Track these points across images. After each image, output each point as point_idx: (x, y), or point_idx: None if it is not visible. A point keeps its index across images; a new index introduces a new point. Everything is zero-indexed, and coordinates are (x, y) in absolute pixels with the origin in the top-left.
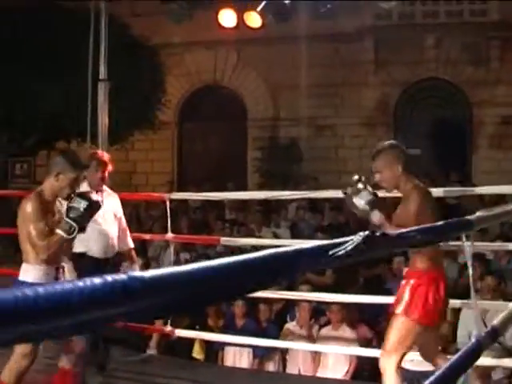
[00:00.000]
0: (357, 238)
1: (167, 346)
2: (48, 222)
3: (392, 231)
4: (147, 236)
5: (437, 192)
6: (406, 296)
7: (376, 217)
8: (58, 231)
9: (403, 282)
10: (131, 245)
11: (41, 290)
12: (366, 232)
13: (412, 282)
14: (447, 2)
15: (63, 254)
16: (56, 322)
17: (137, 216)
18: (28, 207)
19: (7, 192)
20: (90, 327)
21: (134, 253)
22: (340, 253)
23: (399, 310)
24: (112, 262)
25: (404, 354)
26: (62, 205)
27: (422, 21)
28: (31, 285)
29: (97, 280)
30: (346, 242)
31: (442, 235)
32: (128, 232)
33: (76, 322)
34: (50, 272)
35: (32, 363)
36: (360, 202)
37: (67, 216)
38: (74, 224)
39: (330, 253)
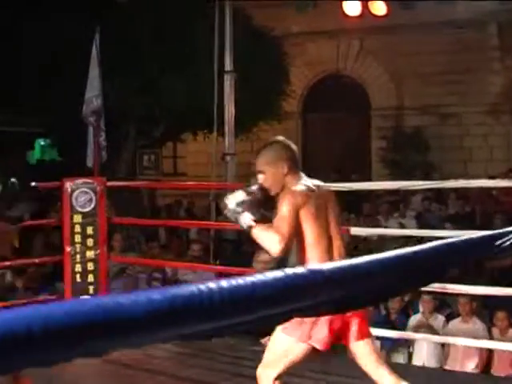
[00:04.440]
0: None
1: None
2: None
3: (263, 234)
4: None
5: None
6: None
7: (244, 220)
8: None
9: None
10: None
11: (225, 284)
12: None
13: None
14: None
15: None
16: (239, 316)
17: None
18: None
19: (137, 183)
20: (269, 322)
21: None
22: (508, 243)
23: None
24: None
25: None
26: None
27: None
28: None
29: (278, 274)
30: None
31: None
32: None
33: (258, 316)
34: None
35: None
36: (231, 202)
37: None
38: None
39: (498, 243)
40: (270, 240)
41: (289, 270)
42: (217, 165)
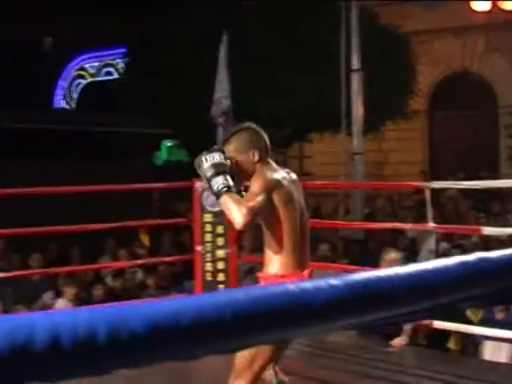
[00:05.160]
0: None
1: (418, 336)
2: None
3: (231, 203)
4: (408, 226)
5: None
6: None
7: (217, 183)
8: None
9: None
10: None
11: (401, 271)
12: None
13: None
14: None
15: None
16: (416, 304)
17: (391, 206)
18: None
19: None
20: (442, 310)
21: None
22: None
23: None
24: None
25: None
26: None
27: None
28: None
29: (451, 261)
30: None
31: None
32: None
33: (434, 303)
34: None
35: None
36: (207, 162)
37: None
38: None
39: None
40: (236, 211)
41: (458, 258)
42: (345, 164)
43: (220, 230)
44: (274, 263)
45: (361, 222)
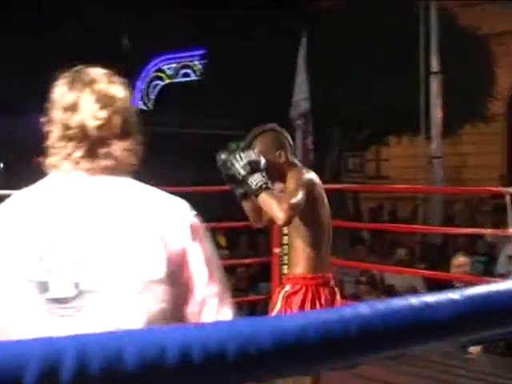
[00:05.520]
0: None
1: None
2: None
3: (272, 200)
4: (488, 231)
5: None
6: (279, 305)
7: (255, 180)
8: None
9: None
10: None
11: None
12: None
13: (287, 288)
14: None
15: None
16: None
17: (470, 211)
18: None
19: (341, 186)
20: None
21: None
22: None
23: None
24: None
25: None
26: None
27: None
28: None
29: None
30: None
31: None
32: None
33: None
34: None
35: None
36: (240, 160)
37: None
38: None
39: None
40: (277, 207)
41: None
42: (423, 168)
43: None
44: (301, 264)
45: (439, 227)
